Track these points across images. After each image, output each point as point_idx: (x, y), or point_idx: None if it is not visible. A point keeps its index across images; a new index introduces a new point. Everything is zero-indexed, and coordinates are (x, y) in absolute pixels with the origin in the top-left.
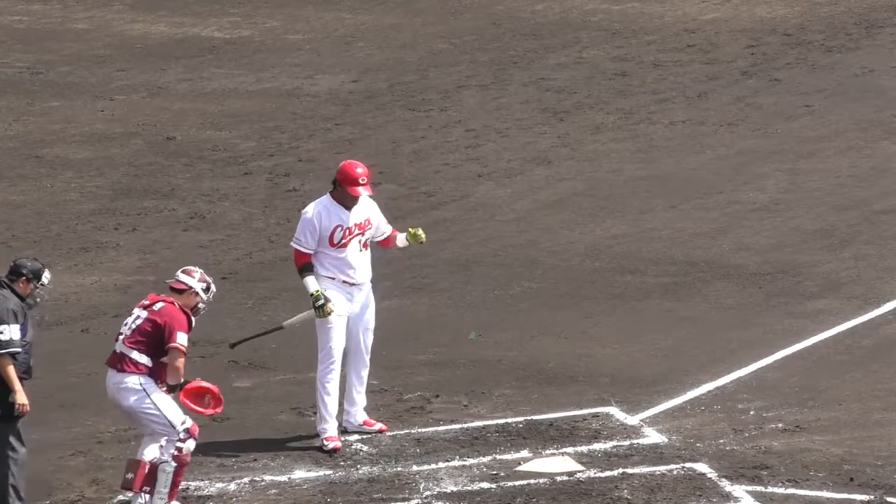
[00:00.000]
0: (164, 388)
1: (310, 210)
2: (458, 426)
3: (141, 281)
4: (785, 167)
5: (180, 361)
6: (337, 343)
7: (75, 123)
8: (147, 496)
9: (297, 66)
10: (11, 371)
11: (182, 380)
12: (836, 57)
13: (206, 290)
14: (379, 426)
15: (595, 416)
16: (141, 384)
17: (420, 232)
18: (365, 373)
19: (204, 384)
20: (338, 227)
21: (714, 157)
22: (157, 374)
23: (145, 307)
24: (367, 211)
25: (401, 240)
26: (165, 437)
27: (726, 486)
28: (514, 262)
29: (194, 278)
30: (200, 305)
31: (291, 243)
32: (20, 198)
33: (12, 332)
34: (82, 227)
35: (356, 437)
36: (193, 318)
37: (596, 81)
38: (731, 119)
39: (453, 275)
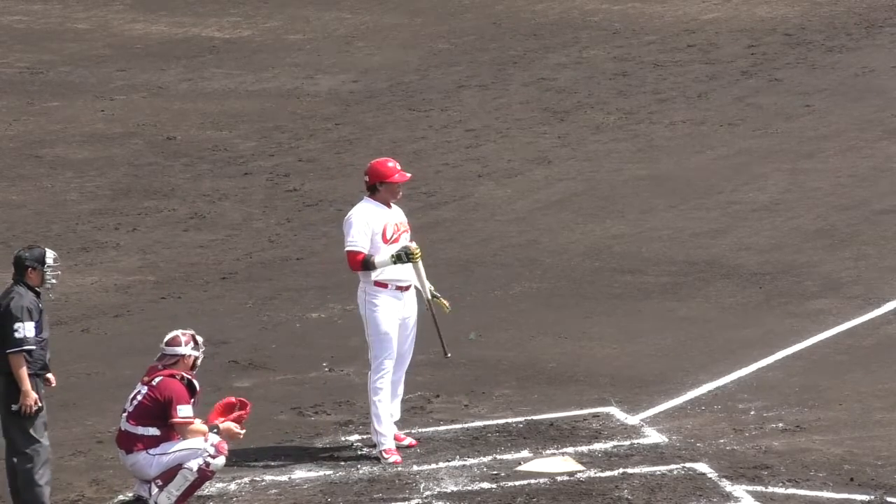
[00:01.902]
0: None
1: (356, 212)
2: (458, 426)
3: (141, 281)
4: (785, 167)
5: (191, 429)
6: (391, 351)
7: (75, 123)
8: (157, 489)
9: (297, 66)
10: (24, 370)
11: (205, 428)
12: (836, 57)
13: (188, 344)
14: (408, 441)
15: (595, 416)
16: (152, 454)
17: (443, 301)
18: (399, 388)
19: (228, 399)
20: (387, 223)
21: (714, 157)
22: (167, 436)
23: (145, 382)
24: (401, 214)
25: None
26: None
27: (726, 486)
28: (514, 262)
29: (172, 346)
30: (194, 360)
31: (346, 248)
32: (20, 198)
33: (26, 329)
34: (82, 227)
35: (356, 437)
36: (196, 381)
37: (596, 81)
38: (731, 119)
39: (453, 275)
